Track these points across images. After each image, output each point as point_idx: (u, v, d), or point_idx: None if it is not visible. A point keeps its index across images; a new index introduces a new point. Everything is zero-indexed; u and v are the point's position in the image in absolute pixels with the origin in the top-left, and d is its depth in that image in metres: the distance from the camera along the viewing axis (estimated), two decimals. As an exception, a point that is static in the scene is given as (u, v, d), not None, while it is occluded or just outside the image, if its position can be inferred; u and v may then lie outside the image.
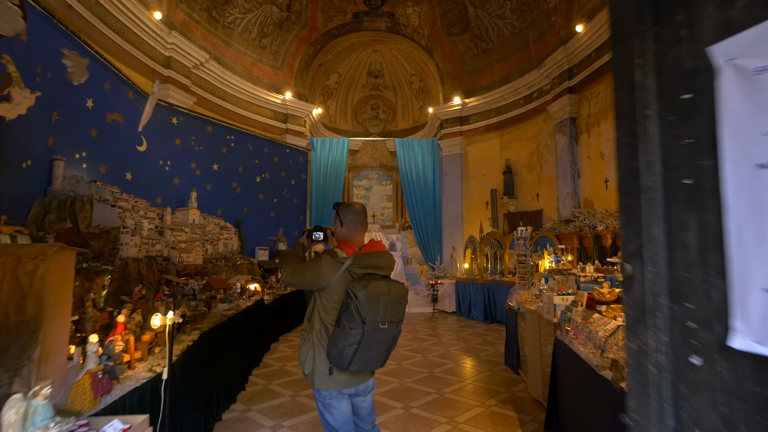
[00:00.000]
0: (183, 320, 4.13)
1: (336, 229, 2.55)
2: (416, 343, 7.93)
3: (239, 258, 9.82)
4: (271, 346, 7.64)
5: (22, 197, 6.01)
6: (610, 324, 3.40)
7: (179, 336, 3.90)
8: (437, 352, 7.30)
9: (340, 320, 2.24)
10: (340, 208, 2.53)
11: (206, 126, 10.21)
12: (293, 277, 2.46)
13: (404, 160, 14.25)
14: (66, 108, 6.53)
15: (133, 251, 6.46)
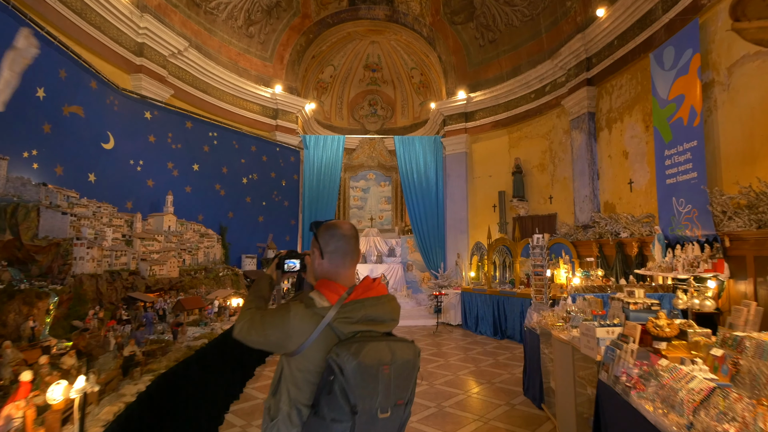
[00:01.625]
0: (130, 364, 3.16)
1: (314, 263, 1.76)
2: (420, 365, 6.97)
3: (222, 269, 8.83)
4: (256, 371, 6.67)
5: (-49, 203, 5.02)
6: (697, 382, 2.44)
7: (123, 386, 2.93)
8: (444, 377, 6.34)
9: (317, 405, 1.46)
10: (320, 232, 1.75)
11: (185, 121, 9.21)
12: (251, 333, 1.64)
13: (404, 159, 13.29)
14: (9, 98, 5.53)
15: (90, 266, 5.46)
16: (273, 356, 7.69)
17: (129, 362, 3.14)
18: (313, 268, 1.74)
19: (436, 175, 13.15)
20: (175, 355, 3.65)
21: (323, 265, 1.70)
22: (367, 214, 16.04)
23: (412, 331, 10.07)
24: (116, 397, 2.73)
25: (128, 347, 3.25)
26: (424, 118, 15.87)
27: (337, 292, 1.61)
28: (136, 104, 8.15)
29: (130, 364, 3.13)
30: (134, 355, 3.19)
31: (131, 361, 3.15)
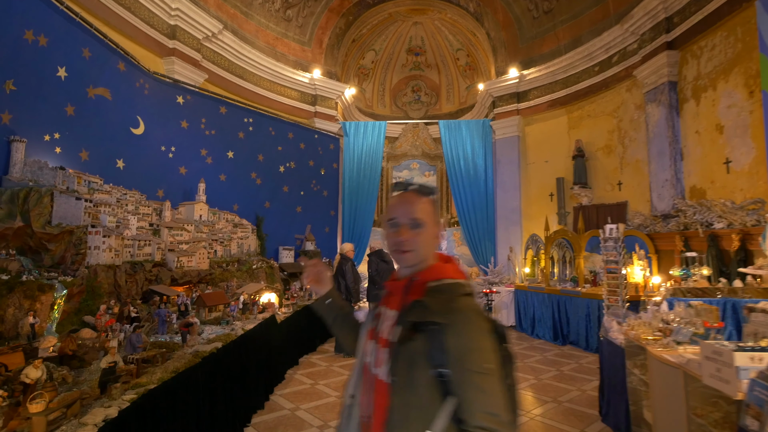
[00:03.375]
0: (108, 378, 2.55)
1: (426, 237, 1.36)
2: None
3: (256, 261, 8.34)
4: (287, 374, 6.06)
5: (-36, 188, 4.72)
6: None
7: (91, 410, 2.31)
8: None
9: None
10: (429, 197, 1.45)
11: (219, 106, 8.78)
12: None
13: (450, 145, 12.33)
14: (26, 76, 5.16)
15: (107, 256, 5.03)
16: (307, 357, 7.09)
17: (108, 375, 2.53)
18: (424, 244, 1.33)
19: (485, 162, 12.09)
20: (175, 364, 3.03)
21: (437, 240, 1.40)
22: (411, 206, 15.17)
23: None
24: (74, 428, 2.10)
25: (106, 357, 2.64)
26: (470, 102, 14.79)
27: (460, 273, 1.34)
28: (167, 88, 7.77)
29: (108, 379, 2.51)
30: (114, 366, 2.58)
31: (110, 374, 2.54)
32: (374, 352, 1.29)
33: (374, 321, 1.39)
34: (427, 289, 1.23)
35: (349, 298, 7.18)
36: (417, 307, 1.19)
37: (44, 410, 2.07)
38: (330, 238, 11.57)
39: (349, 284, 7.22)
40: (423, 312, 1.17)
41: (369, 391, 1.25)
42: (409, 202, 1.36)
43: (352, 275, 7.26)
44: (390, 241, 1.38)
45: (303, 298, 7.83)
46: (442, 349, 1.10)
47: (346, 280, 7.25)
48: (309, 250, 10.43)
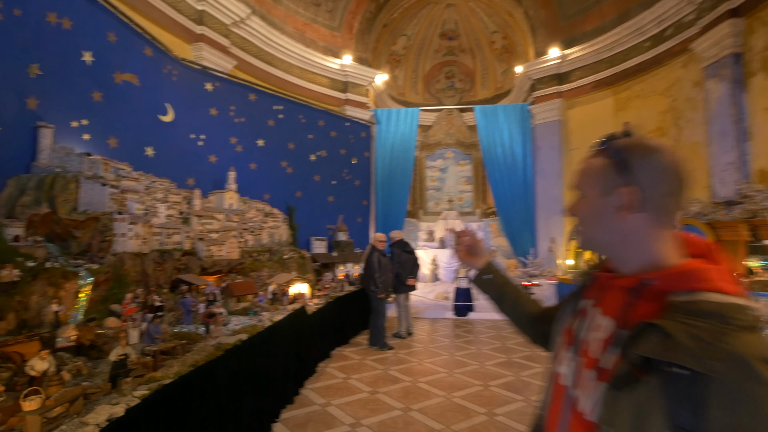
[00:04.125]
0: (118, 372, 2.31)
1: (609, 218, 0.93)
2: (510, 371, 5.67)
3: (288, 251, 8.14)
4: (318, 368, 5.81)
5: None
6: None
7: (95, 408, 2.07)
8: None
9: None
10: (636, 155, 0.90)
11: (248, 94, 8.60)
12: None
13: (486, 132, 11.76)
14: (50, 60, 5.06)
15: (134, 244, 4.89)
16: (340, 349, 6.83)
17: (118, 369, 2.29)
18: (606, 228, 0.93)
19: (524, 149, 11.46)
20: (195, 357, 2.78)
21: (640, 223, 0.89)
22: (445, 196, 14.74)
23: (497, 326, 8.71)
24: (74, 428, 1.86)
25: (116, 349, 2.40)
26: (507, 87, 14.13)
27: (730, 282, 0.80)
28: (196, 75, 7.64)
29: (118, 373, 2.27)
30: (124, 359, 2.33)
31: (120, 368, 2.29)
32: (573, 367, 0.94)
33: (573, 317, 1.03)
34: (671, 305, 0.78)
35: (377, 289, 6.86)
36: (652, 335, 0.74)
37: (39, 408, 1.83)
38: (362, 228, 11.29)
39: (375, 276, 6.87)
40: (664, 346, 0.72)
41: (565, 418, 0.91)
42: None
43: (377, 266, 6.91)
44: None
45: (335, 289, 7.57)
46: (696, 411, 0.68)
47: (370, 270, 6.93)
48: (341, 241, 10.18)
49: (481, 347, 6.96)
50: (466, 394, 4.82)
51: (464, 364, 6.02)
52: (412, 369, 5.76)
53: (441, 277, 12.47)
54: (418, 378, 5.37)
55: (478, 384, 5.14)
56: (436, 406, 4.48)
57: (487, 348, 6.92)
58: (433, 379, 5.32)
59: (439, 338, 7.67)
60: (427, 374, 5.54)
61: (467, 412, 4.30)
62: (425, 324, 9.02)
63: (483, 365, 5.94)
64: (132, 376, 2.41)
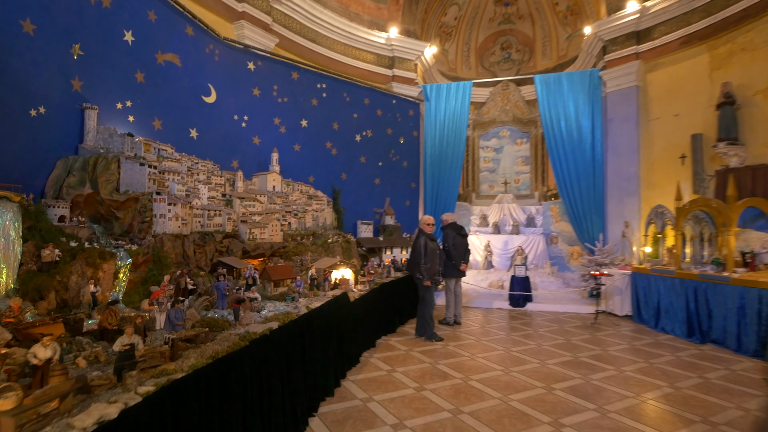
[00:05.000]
0: (123, 363, 2.04)
1: None
2: (576, 372, 5.01)
3: (332, 235, 7.86)
4: (362, 357, 5.47)
5: (43, 154, 4.65)
6: None
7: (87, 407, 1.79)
8: (622, 401, 4.27)
9: None
10: None
11: (291, 72, 8.32)
12: None
13: (548, 105, 10.74)
14: (92, 40, 4.97)
15: (173, 225, 4.75)
16: (386, 339, 6.46)
17: (123, 361, 2.01)
18: None
19: (592, 122, 10.34)
20: (216, 347, 2.47)
21: None
22: (500, 178, 13.86)
23: (560, 320, 7.95)
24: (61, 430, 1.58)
25: (122, 338, 2.11)
26: (572, 55, 12.88)
27: None
28: (238, 54, 7.44)
29: (122, 365, 1.99)
30: (130, 350, 2.05)
31: (125, 360, 2.01)
32: None
33: None
34: None
35: (423, 275, 6.36)
36: None
37: (16, 408, 1.57)
38: (411, 212, 10.81)
39: (420, 262, 6.37)
40: None
41: None
42: None
43: (423, 251, 6.40)
44: None
45: (381, 275, 7.19)
46: None
47: (418, 256, 6.41)
48: (388, 225, 9.79)
49: (541, 343, 6.31)
50: (526, 397, 4.26)
51: (522, 361, 5.43)
52: (463, 364, 5.26)
53: (495, 264, 11.75)
54: (470, 375, 4.87)
55: (540, 386, 4.55)
56: (491, 410, 3.97)
57: (548, 344, 6.25)
58: (487, 378, 4.80)
59: (493, 330, 7.08)
60: (479, 371, 5.02)
61: (528, 420, 3.73)
62: (477, 314, 8.44)
63: (544, 364, 5.32)
64: (140, 368, 2.13)
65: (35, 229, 3.74)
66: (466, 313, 8.21)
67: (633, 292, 7.91)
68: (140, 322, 2.40)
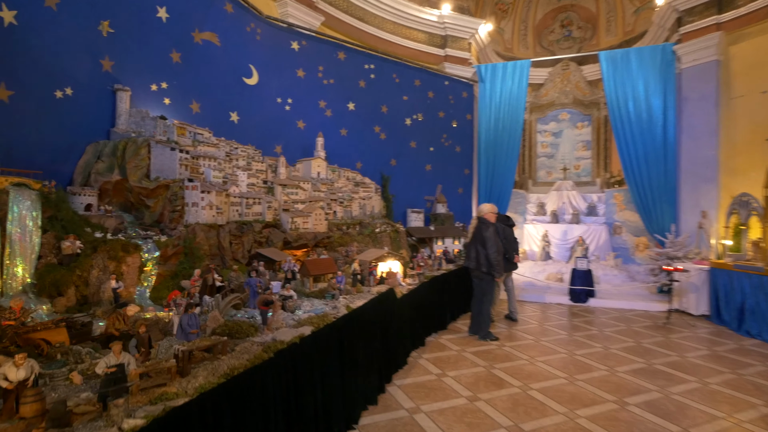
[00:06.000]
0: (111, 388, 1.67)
1: None
2: (652, 383, 4.31)
3: (380, 224, 7.42)
4: (410, 358, 5.02)
5: (71, 139, 4.49)
6: None
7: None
8: (708, 424, 3.57)
9: None
10: None
11: (337, 52, 7.89)
12: None
13: (614, 84, 9.67)
14: (123, 16, 4.73)
15: (207, 214, 4.48)
16: (436, 336, 5.97)
17: (109, 386, 1.64)
18: None
19: (664, 101, 9.19)
20: (233, 362, 2.09)
21: None
22: (559, 164, 12.86)
23: (627, 318, 7.13)
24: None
25: (108, 357, 1.74)
26: (640, 30, 11.59)
27: None
28: (281, 33, 7.10)
29: (107, 392, 1.62)
30: (118, 372, 1.67)
31: (113, 384, 1.64)
32: None
33: None
34: None
35: (490, 271, 5.73)
36: None
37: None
38: (464, 199, 10.17)
39: (491, 254, 5.72)
40: None
41: None
42: None
43: (494, 243, 5.75)
44: None
45: (432, 268, 6.68)
46: None
47: (486, 249, 5.75)
48: (440, 213, 9.22)
49: (608, 345, 5.59)
50: (596, 414, 3.66)
51: (588, 367, 4.77)
52: (521, 369, 4.68)
53: (553, 255, 10.89)
54: (530, 383, 4.29)
55: (611, 400, 3.92)
56: (556, 428, 3.40)
57: (616, 347, 5.53)
58: (549, 387, 4.21)
59: (552, 329, 6.41)
60: (540, 378, 4.43)
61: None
62: (534, 310, 7.75)
63: (614, 372, 4.64)
64: (142, 388, 1.77)
65: (56, 218, 3.53)
66: (522, 309, 7.57)
67: (711, 290, 7.05)
68: (144, 332, 2.04)
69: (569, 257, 10.50)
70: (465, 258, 6.16)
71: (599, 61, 9.91)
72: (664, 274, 7.54)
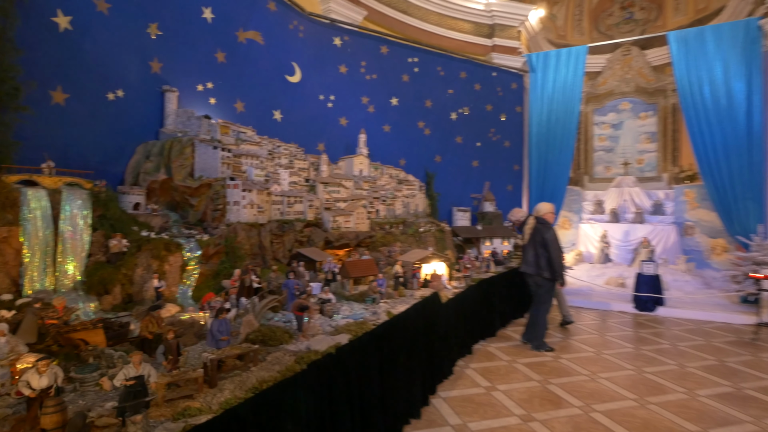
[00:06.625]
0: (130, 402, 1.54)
1: None
2: (744, 412, 3.74)
3: (424, 223, 7.14)
4: (456, 367, 4.70)
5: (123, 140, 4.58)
6: None
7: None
8: None
9: None
10: None
11: (380, 46, 7.68)
12: None
13: (686, 67, 8.78)
14: (170, 19, 4.78)
15: (248, 213, 4.41)
16: (484, 344, 5.61)
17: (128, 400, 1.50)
18: None
19: (749, 85, 8.20)
20: (261, 374, 1.92)
21: None
22: (619, 158, 11.95)
23: (705, 331, 6.39)
24: None
25: (126, 369, 1.60)
26: (715, 6, 10.49)
27: None
28: (323, 29, 6.98)
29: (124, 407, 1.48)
30: (137, 384, 1.52)
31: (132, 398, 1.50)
32: None
33: None
34: None
35: (553, 276, 5.26)
36: None
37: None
38: (513, 197, 9.67)
39: (554, 258, 5.22)
40: None
41: None
42: None
43: (558, 246, 5.26)
44: None
45: (479, 270, 6.31)
46: None
47: (549, 252, 5.30)
48: (488, 212, 8.79)
49: (684, 362, 4.98)
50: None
51: (661, 388, 4.24)
52: (582, 387, 4.24)
53: (613, 257, 10.11)
54: (592, 404, 3.85)
55: (693, 431, 3.41)
56: (629, 459, 2.98)
57: (694, 364, 4.91)
58: (616, 410, 3.74)
59: (615, 341, 5.84)
60: (605, 398, 3.97)
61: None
62: (593, 317, 7.16)
63: (694, 395, 4.08)
64: (167, 399, 1.63)
65: (105, 217, 3.56)
66: (578, 317, 7.00)
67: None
68: (172, 338, 1.90)
69: (632, 260, 9.69)
70: (522, 262, 5.67)
71: (668, 43, 9.04)
72: (749, 281, 6.70)
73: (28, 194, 3.29)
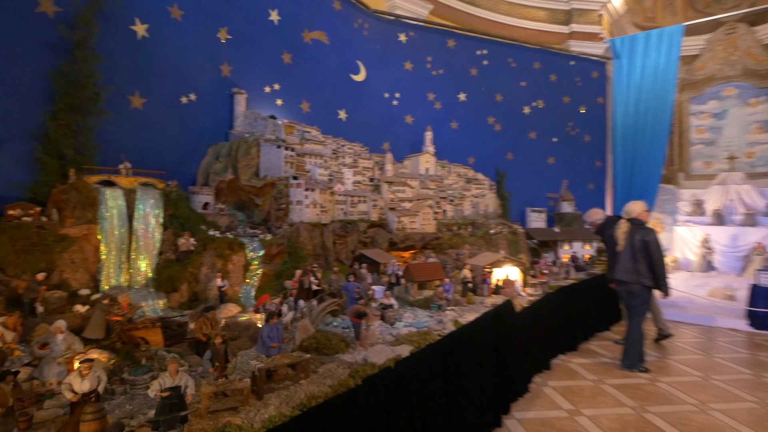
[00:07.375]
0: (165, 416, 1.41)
1: None
2: None
3: (495, 224, 6.71)
4: (532, 384, 4.25)
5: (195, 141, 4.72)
6: None
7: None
8: None
9: None
10: None
11: (446, 40, 7.37)
12: None
13: (811, 42, 7.46)
14: (239, 23, 4.88)
15: (310, 213, 4.32)
16: (564, 359, 5.06)
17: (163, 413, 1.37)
18: None
19: None
20: (311, 388, 1.72)
21: None
22: (723, 152, 10.55)
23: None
24: None
25: (162, 377, 1.47)
26: None
27: None
28: (388, 26, 6.83)
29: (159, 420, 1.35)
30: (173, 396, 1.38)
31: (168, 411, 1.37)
32: None
33: None
34: None
35: (658, 285, 4.59)
36: None
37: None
38: (595, 196, 8.85)
39: (658, 265, 4.56)
40: None
41: None
42: None
43: (659, 250, 4.58)
44: None
45: (557, 276, 5.76)
46: None
47: (653, 258, 4.63)
48: (566, 213, 8.10)
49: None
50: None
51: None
52: (689, 419, 3.60)
53: (717, 265, 8.87)
54: (704, 437, 3.24)
55: None
56: None
57: (834, 395, 4.03)
58: (736, 447, 3.12)
59: (726, 364, 4.99)
60: None
61: None
62: (695, 334, 6.25)
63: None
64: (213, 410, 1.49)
65: (175, 216, 3.63)
66: (676, 333, 6.14)
67: None
68: (219, 343, 1.77)
69: (742, 269, 8.44)
70: (618, 269, 4.92)
71: (785, 17, 7.77)
72: None
73: (106, 194, 3.44)
